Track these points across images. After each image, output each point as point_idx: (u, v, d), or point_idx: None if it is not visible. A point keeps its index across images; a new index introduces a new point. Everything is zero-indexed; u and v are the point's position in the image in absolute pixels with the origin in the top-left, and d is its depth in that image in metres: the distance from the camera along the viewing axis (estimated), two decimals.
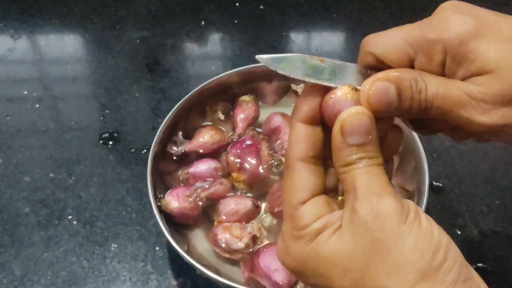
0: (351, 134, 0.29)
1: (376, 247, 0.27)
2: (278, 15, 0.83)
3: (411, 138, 0.55)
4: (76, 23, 0.81)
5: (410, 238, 0.27)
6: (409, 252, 0.26)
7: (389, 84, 0.30)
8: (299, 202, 0.30)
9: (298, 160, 0.31)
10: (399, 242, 0.26)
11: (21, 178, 0.63)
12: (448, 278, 0.26)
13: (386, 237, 0.27)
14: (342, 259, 0.28)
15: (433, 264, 0.26)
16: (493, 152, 0.66)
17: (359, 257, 0.27)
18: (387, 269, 0.26)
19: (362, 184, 0.28)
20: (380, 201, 0.28)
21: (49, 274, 0.55)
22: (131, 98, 0.71)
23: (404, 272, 0.26)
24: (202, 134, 0.58)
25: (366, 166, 0.29)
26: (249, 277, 0.51)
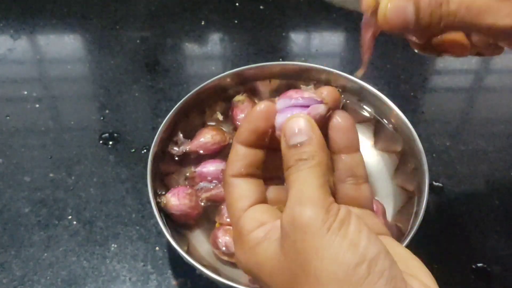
0: (290, 136, 0.29)
1: (299, 259, 0.26)
2: (278, 15, 0.83)
3: (411, 138, 0.55)
4: (76, 23, 0.81)
5: (331, 250, 0.26)
6: (328, 265, 0.26)
7: (407, 1, 0.30)
8: (242, 210, 0.30)
9: (232, 177, 0.32)
10: (319, 253, 0.26)
11: (21, 178, 0.63)
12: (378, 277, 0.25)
13: (307, 249, 0.26)
14: (276, 271, 0.28)
15: (354, 278, 0.25)
16: (493, 152, 0.66)
17: (289, 270, 0.27)
18: (310, 283, 0.26)
19: (292, 192, 0.28)
20: (301, 210, 0.27)
21: (49, 274, 0.55)
22: (131, 98, 0.71)
23: (324, 285, 0.25)
24: (203, 134, 0.58)
25: (303, 169, 0.29)
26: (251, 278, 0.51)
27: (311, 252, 0.26)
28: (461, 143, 0.67)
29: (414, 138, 0.55)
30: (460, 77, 0.76)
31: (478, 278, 0.55)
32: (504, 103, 0.72)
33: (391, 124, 0.59)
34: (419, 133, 0.55)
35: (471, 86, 0.76)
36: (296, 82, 0.63)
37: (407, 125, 0.56)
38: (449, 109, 0.71)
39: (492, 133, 0.68)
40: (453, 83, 0.75)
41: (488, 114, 0.71)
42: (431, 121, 0.70)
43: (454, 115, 0.71)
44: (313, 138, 0.29)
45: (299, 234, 0.26)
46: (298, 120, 0.30)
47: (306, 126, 0.29)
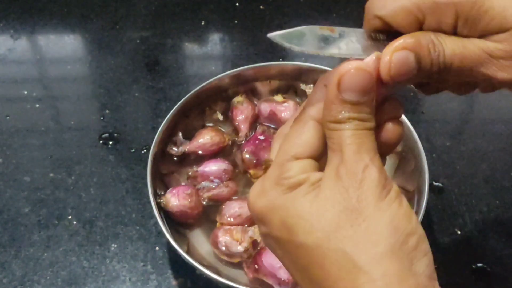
0: (348, 89, 0.28)
1: (350, 214, 0.26)
2: (278, 15, 0.83)
3: (411, 138, 0.55)
4: (76, 23, 0.81)
5: (388, 214, 0.26)
6: (384, 226, 0.26)
7: (408, 52, 0.29)
8: (295, 157, 0.29)
9: (312, 118, 0.30)
10: (376, 214, 0.26)
11: (21, 178, 0.63)
12: (415, 266, 0.25)
13: (364, 207, 0.26)
14: (312, 217, 0.27)
15: (404, 245, 0.26)
16: (493, 152, 0.66)
17: (330, 220, 0.27)
18: (357, 238, 0.26)
19: (350, 149, 0.27)
20: (366, 172, 0.27)
21: (49, 274, 0.55)
22: (131, 98, 0.71)
23: (374, 244, 0.26)
24: (203, 135, 0.59)
25: (357, 129, 0.28)
26: (253, 278, 0.51)
27: (367, 211, 0.26)
28: (461, 143, 0.67)
29: (414, 138, 0.55)
30: None
31: (478, 278, 0.55)
32: (504, 103, 0.72)
33: None
34: (419, 133, 0.55)
35: None
36: (296, 82, 0.63)
37: (407, 125, 0.56)
38: (449, 109, 0.71)
39: (492, 133, 0.68)
40: None
41: (488, 114, 0.71)
42: (431, 121, 0.70)
43: (454, 115, 0.71)
44: (371, 99, 0.28)
45: (359, 193, 0.26)
46: (363, 75, 0.28)
47: (369, 84, 0.28)
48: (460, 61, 0.30)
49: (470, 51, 0.30)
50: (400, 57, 0.29)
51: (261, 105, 0.61)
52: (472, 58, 0.30)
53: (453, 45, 0.30)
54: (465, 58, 0.30)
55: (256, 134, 0.59)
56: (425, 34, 0.30)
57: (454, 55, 0.30)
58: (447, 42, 0.30)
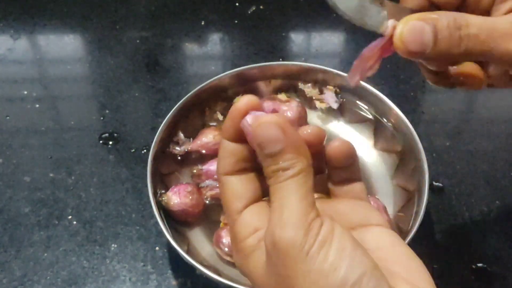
0: (264, 145, 0.27)
1: (282, 281, 0.26)
2: (278, 15, 0.83)
3: (411, 138, 0.55)
4: (76, 23, 0.81)
5: (311, 275, 0.25)
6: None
7: (424, 23, 0.28)
8: (236, 213, 0.29)
9: (224, 175, 0.30)
10: (300, 279, 0.25)
11: (21, 178, 0.63)
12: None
13: (288, 273, 0.26)
14: (265, 285, 0.28)
15: None
16: (493, 152, 0.66)
17: (266, 282, 0.27)
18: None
19: (272, 209, 0.27)
20: (280, 233, 0.26)
21: (49, 274, 0.55)
22: (131, 98, 0.71)
23: None
24: (205, 134, 0.59)
25: (281, 180, 0.27)
26: None
27: (293, 277, 0.25)
28: (461, 143, 0.67)
29: (414, 138, 0.55)
30: None
31: (478, 278, 0.55)
32: (504, 103, 0.72)
33: (391, 124, 0.59)
34: (419, 133, 0.55)
35: None
36: (296, 82, 0.63)
37: (407, 125, 0.56)
38: (449, 109, 0.71)
39: (492, 133, 0.68)
40: None
41: (488, 114, 0.71)
42: (431, 121, 0.70)
43: (454, 115, 0.71)
44: (288, 144, 0.27)
45: (280, 258, 0.26)
46: (268, 127, 0.27)
47: (277, 132, 0.27)
48: (487, 35, 0.29)
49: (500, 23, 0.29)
50: (415, 26, 0.28)
51: (264, 103, 0.61)
52: (501, 31, 0.29)
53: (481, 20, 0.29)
54: (494, 30, 0.29)
55: None
56: (448, 12, 0.29)
57: (481, 29, 0.29)
58: (473, 19, 0.29)
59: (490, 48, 0.29)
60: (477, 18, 0.29)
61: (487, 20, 0.29)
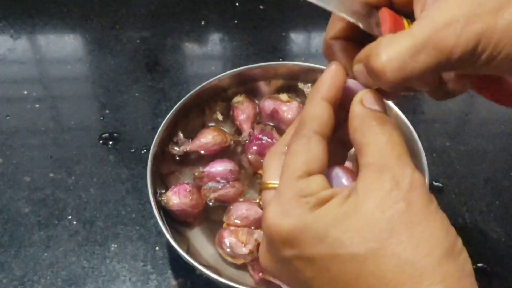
0: (370, 103, 0.30)
1: (404, 219, 0.26)
2: (278, 15, 0.83)
3: (411, 138, 0.55)
4: (76, 23, 0.81)
5: (439, 217, 0.27)
6: (438, 230, 0.26)
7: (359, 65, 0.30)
8: (308, 173, 0.28)
9: (317, 133, 0.30)
10: (429, 218, 0.26)
11: (21, 178, 0.63)
12: (465, 266, 0.27)
13: (416, 211, 0.26)
14: (361, 226, 0.26)
15: (455, 248, 0.27)
16: (493, 152, 0.66)
17: (384, 227, 0.26)
18: (414, 242, 0.26)
19: (392, 154, 0.27)
20: (414, 176, 0.27)
21: (49, 274, 0.55)
22: (131, 98, 0.71)
23: (432, 247, 0.26)
24: (205, 135, 0.59)
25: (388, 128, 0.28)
26: (260, 279, 0.50)
27: (421, 215, 0.26)
28: (461, 143, 0.67)
29: (414, 138, 0.55)
30: None
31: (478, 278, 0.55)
32: None
33: None
34: (419, 133, 0.55)
35: None
36: (296, 82, 0.63)
37: (407, 125, 0.56)
38: (449, 109, 0.71)
39: (492, 133, 0.68)
40: None
41: (488, 114, 0.71)
42: (431, 121, 0.70)
43: (454, 115, 0.71)
44: None
45: (412, 196, 0.26)
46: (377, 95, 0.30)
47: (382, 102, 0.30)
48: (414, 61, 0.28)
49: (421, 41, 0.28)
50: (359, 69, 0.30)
51: (265, 102, 0.61)
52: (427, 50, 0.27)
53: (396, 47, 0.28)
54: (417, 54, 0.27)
55: (256, 134, 0.59)
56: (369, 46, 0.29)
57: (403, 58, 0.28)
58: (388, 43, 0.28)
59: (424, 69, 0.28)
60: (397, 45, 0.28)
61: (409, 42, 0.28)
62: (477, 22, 0.27)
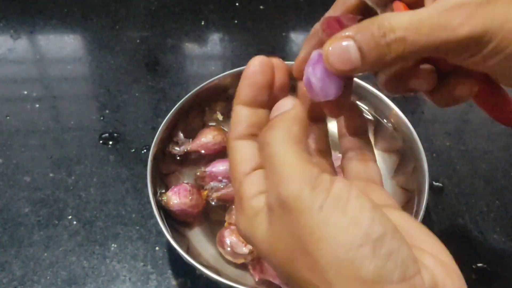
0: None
1: (295, 241, 0.24)
2: (278, 15, 0.83)
3: (411, 138, 0.55)
4: (76, 23, 0.81)
5: (328, 230, 0.23)
6: (327, 246, 0.23)
7: (348, 41, 0.28)
8: (243, 174, 0.28)
9: (235, 139, 0.29)
10: (315, 234, 0.23)
11: (21, 178, 0.63)
12: (379, 278, 0.22)
13: (301, 230, 0.24)
14: (273, 248, 0.25)
15: (356, 261, 0.22)
16: (493, 152, 0.66)
17: (286, 251, 0.25)
18: (310, 265, 0.23)
19: (273, 168, 0.26)
20: (287, 189, 0.24)
21: (49, 274, 0.55)
22: (131, 98, 0.71)
23: (325, 269, 0.23)
24: (205, 134, 0.59)
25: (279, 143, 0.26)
26: (260, 278, 0.51)
27: (306, 233, 0.23)
28: (461, 143, 0.67)
29: (414, 138, 0.55)
30: None
31: (478, 278, 0.55)
32: None
33: (391, 124, 0.59)
34: (419, 133, 0.55)
35: None
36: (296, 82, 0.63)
37: (407, 125, 0.56)
38: (449, 109, 0.71)
39: (492, 133, 0.68)
40: None
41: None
42: (431, 121, 0.70)
43: (454, 115, 0.71)
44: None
45: (292, 216, 0.24)
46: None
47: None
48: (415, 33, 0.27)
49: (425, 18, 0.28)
50: (339, 47, 0.28)
51: None
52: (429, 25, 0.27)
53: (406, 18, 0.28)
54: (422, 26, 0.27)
55: None
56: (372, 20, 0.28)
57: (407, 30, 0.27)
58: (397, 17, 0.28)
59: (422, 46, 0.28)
60: (401, 18, 0.28)
61: (413, 17, 0.28)
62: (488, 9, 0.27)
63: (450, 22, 0.27)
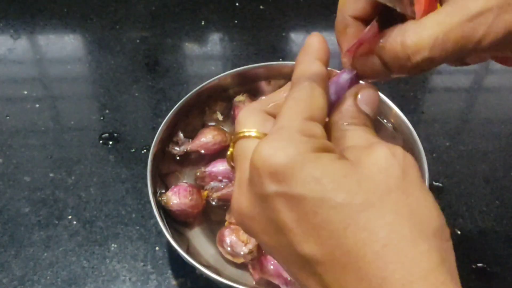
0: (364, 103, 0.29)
1: (401, 184, 0.25)
2: (278, 15, 0.83)
3: (411, 138, 0.55)
4: (76, 23, 0.81)
5: (431, 198, 0.26)
6: (432, 207, 0.26)
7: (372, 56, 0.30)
8: (312, 119, 0.27)
9: (319, 86, 0.28)
10: (424, 193, 0.25)
11: (21, 178, 0.63)
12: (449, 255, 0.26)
13: (413, 182, 0.25)
14: (361, 178, 0.24)
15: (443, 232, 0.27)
16: (493, 152, 0.66)
17: (382, 185, 0.24)
18: (409, 208, 0.25)
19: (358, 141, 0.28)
20: (408, 154, 0.26)
21: (49, 274, 0.55)
22: (131, 98, 0.71)
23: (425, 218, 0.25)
24: (205, 134, 0.59)
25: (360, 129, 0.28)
26: (259, 278, 0.51)
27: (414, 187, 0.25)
28: (461, 143, 0.67)
29: (414, 138, 0.55)
30: (460, 77, 0.76)
31: (478, 278, 0.55)
32: (504, 103, 0.72)
33: (391, 124, 0.59)
34: (419, 133, 0.55)
35: (471, 86, 0.76)
36: None
37: (407, 125, 0.56)
38: (449, 109, 0.71)
39: (492, 133, 0.68)
40: (453, 83, 0.75)
41: (488, 114, 0.71)
42: (431, 121, 0.70)
43: (454, 115, 0.71)
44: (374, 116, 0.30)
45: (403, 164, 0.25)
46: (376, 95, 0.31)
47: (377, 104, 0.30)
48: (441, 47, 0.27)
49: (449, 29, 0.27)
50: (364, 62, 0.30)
51: None
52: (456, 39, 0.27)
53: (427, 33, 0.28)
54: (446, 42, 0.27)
55: None
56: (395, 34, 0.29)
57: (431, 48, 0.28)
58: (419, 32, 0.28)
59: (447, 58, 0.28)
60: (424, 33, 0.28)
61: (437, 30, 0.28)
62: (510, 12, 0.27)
63: (474, 35, 0.27)
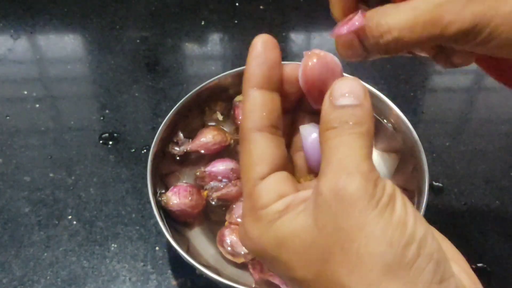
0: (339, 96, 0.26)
1: (339, 236, 0.23)
2: (278, 15, 0.83)
3: (411, 138, 0.55)
4: (76, 23, 0.81)
5: (378, 228, 0.23)
6: (374, 244, 0.23)
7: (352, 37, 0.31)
8: (258, 178, 0.26)
9: (253, 131, 0.27)
10: (365, 231, 0.23)
11: (21, 178, 0.63)
12: (421, 278, 0.22)
13: (350, 225, 0.23)
14: (304, 248, 0.24)
15: (402, 260, 0.22)
16: (493, 152, 0.66)
17: (322, 247, 0.24)
18: (349, 264, 0.23)
19: (334, 158, 0.25)
20: (348, 181, 0.24)
21: (49, 274, 0.55)
22: (131, 98, 0.71)
23: (368, 268, 0.23)
24: (205, 134, 0.59)
25: (350, 133, 0.25)
26: (260, 278, 0.51)
27: (355, 229, 0.23)
28: (461, 143, 0.67)
29: (414, 138, 0.55)
30: (460, 77, 0.76)
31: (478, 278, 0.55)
32: (504, 103, 0.72)
33: (391, 124, 0.59)
34: (419, 133, 0.55)
35: (471, 86, 0.76)
36: None
37: (407, 125, 0.56)
38: (449, 109, 0.71)
39: (492, 133, 0.68)
40: (453, 83, 0.75)
41: (488, 114, 0.71)
42: (431, 121, 0.70)
43: (454, 115, 0.71)
44: (365, 104, 0.26)
45: (343, 207, 0.23)
46: (352, 82, 0.26)
47: (360, 90, 0.26)
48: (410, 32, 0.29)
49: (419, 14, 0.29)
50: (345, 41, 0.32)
51: None
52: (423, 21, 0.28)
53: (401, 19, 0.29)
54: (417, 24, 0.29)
55: None
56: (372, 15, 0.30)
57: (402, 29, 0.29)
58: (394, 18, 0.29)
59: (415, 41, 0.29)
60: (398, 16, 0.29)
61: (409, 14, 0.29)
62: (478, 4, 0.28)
63: (441, 20, 0.28)
